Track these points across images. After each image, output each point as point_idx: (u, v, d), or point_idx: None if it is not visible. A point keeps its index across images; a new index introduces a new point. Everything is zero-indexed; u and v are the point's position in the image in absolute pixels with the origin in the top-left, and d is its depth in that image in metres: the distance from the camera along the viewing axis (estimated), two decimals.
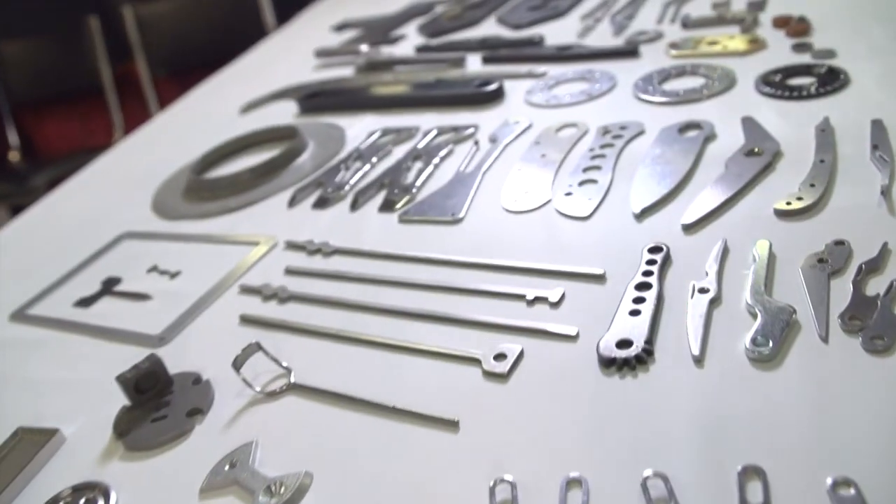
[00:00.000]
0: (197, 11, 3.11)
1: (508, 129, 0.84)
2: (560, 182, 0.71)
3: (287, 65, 1.43)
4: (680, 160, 0.68)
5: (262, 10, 3.03)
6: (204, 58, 2.28)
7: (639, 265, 0.56)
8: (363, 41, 1.36)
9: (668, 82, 0.86)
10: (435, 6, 1.49)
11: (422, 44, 1.23)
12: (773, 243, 0.55)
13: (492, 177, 0.76)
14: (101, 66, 3.14)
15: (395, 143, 0.91)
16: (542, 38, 1.09)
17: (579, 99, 0.87)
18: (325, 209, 0.81)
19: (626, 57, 0.96)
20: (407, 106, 1.00)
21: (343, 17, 1.65)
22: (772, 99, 0.76)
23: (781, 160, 0.66)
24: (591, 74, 0.92)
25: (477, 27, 1.29)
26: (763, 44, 0.89)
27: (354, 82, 1.15)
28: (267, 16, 3.00)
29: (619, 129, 0.76)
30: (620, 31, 1.06)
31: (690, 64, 0.87)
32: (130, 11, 3.09)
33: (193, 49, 3.03)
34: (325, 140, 0.99)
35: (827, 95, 0.74)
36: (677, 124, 0.74)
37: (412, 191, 0.77)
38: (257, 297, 0.69)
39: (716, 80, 0.82)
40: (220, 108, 1.28)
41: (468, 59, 1.11)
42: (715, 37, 0.94)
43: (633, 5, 1.15)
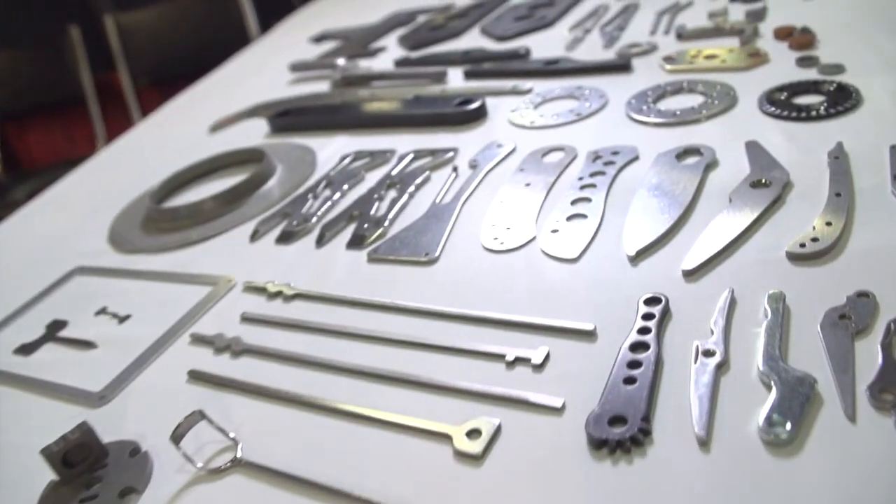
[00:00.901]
0: (179, 20, 3.05)
1: (490, 154, 0.77)
2: (546, 216, 0.64)
3: (262, 78, 1.36)
4: (678, 192, 0.61)
5: (245, 19, 2.97)
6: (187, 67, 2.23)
7: (634, 319, 0.49)
8: (341, 54, 1.29)
9: (663, 100, 0.79)
10: (417, 16, 1.42)
11: (401, 57, 1.16)
12: (787, 294, 0.48)
13: (471, 209, 0.69)
14: (82, 76, 3.07)
15: (369, 169, 0.84)
16: (528, 51, 1.02)
17: (568, 119, 0.80)
18: (290, 244, 0.74)
19: (618, 72, 0.89)
20: (382, 126, 0.93)
21: (323, 28, 1.58)
22: (777, 120, 0.69)
23: (792, 192, 0.59)
24: (581, 91, 0.86)
25: (460, 38, 1.22)
26: (765, 57, 0.82)
27: (329, 99, 1.08)
28: (250, 24, 2.93)
29: (611, 155, 0.70)
30: (611, 43, 0.99)
31: (687, 80, 0.81)
32: (112, 21, 3.03)
33: (176, 58, 2.98)
34: (294, 164, 0.92)
35: (838, 116, 0.67)
36: (675, 149, 0.68)
37: (384, 224, 0.70)
38: (209, 348, 0.62)
39: (715, 99, 0.75)
40: (190, 126, 1.21)
41: (450, 73, 1.04)
42: (712, 49, 0.87)
43: (624, 15, 1.08)
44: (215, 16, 3.03)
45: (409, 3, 1.57)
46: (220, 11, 3.02)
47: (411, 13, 1.44)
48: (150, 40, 3.05)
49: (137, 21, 3.07)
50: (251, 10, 2.95)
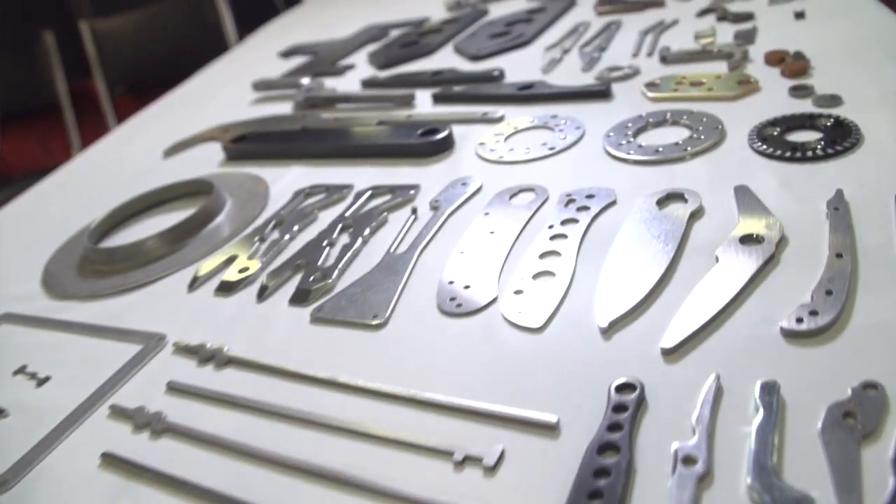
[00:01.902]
0: (156, 27, 2.98)
1: (454, 193, 0.70)
2: (510, 272, 0.57)
3: (226, 96, 1.29)
4: (659, 246, 0.54)
5: (223, 26, 2.90)
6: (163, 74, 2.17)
7: (604, 411, 0.42)
8: (307, 72, 1.22)
9: (644, 134, 0.72)
10: (390, 31, 1.34)
11: (369, 77, 1.09)
12: (782, 382, 0.41)
13: (429, 260, 0.62)
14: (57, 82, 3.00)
15: (323, 206, 0.76)
16: (501, 73, 0.95)
17: (540, 153, 0.73)
18: (230, 295, 0.66)
19: (597, 99, 0.82)
20: (342, 157, 0.85)
21: (294, 41, 1.51)
22: (770, 160, 0.62)
23: (786, 249, 0.52)
24: (555, 121, 0.78)
25: (432, 56, 1.14)
26: (755, 85, 0.75)
27: (289, 123, 1.01)
28: (228, 31, 2.86)
29: (586, 199, 0.62)
30: (591, 65, 0.92)
31: (671, 111, 0.74)
32: (87, 26, 2.95)
33: (153, 65, 2.91)
34: (245, 198, 0.84)
35: (837, 157, 0.60)
36: (656, 194, 0.60)
37: (332, 277, 0.63)
38: (129, 423, 0.54)
39: (701, 133, 0.68)
40: (146, 147, 1.14)
41: (418, 96, 0.97)
42: (699, 75, 0.80)
43: (605, 34, 1.01)
44: (192, 22, 2.96)
45: (384, 15, 1.51)
46: (197, 18, 2.96)
47: (385, 27, 1.37)
48: (126, 47, 2.98)
49: (113, 27, 3.01)
50: (229, 16, 2.89)
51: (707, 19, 0.98)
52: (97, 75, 2.97)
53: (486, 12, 1.29)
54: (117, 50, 2.98)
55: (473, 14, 1.28)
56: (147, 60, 2.94)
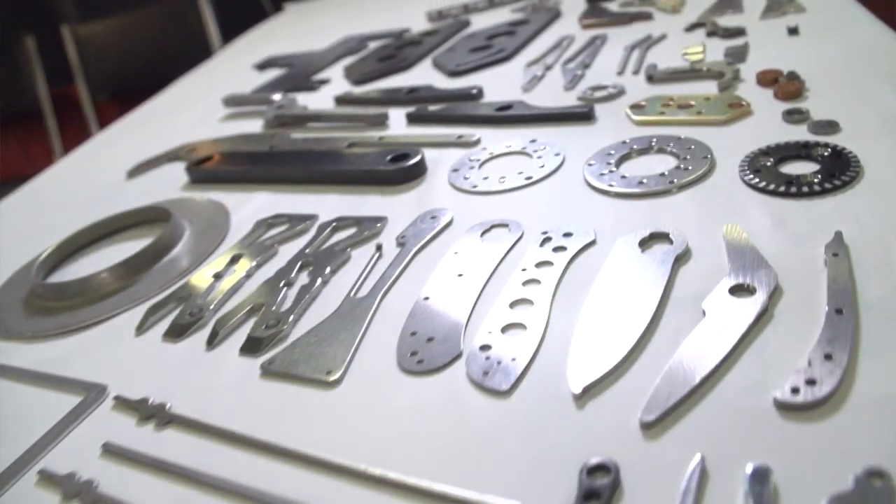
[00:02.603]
0: (139, 32, 2.94)
1: (422, 229, 0.65)
2: (478, 323, 0.51)
3: (196, 111, 1.23)
4: (640, 296, 0.49)
5: (207, 32, 2.85)
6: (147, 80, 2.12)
7: (573, 498, 0.37)
8: (281, 86, 1.17)
9: (628, 162, 0.67)
10: (368, 43, 1.29)
11: (343, 93, 1.03)
12: (775, 465, 0.36)
13: (391, 306, 0.57)
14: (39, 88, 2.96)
15: (284, 240, 0.71)
16: (479, 91, 0.90)
17: (516, 183, 0.68)
18: (179, 341, 0.61)
19: (578, 121, 0.77)
20: (308, 182, 0.80)
21: (271, 52, 1.46)
22: (762, 194, 0.57)
23: (781, 301, 0.47)
24: (534, 146, 0.73)
25: (410, 71, 1.09)
26: (747, 109, 0.70)
27: (257, 144, 0.95)
28: (212, 37, 2.82)
29: (563, 237, 0.57)
30: (573, 83, 0.87)
31: (656, 137, 0.69)
32: (69, 31, 2.91)
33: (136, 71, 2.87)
34: (205, 227, 0.79)
35: (835, 192, 0.55)
36: (639, 232, 0.55)
37: (287, 323, 0.57)
38: (58, 492, 0.49)
39: (689, 163, 0.63)
40: (110, 166, 1.08)
41: (393, 115, 0.92)
42: (687, 96, 0.75)
43: (589, 49, 0.96)
44: (176, 28, 2.92)
45: (364, 25, 1.46)
46: (180, 23, 2.92)
47: (363, 39, 1.32)
48: (108, 52, 2.94)
49: (96, 32, 2.97)
50: (213, 21, 2.84)
51: (696, 34, 0.94)
52: (79, 81, 2.94)
53: (467, 24, 1.25)
54: (100, 55, 2.95)
55: (455, 25, 1.23)
56: (130, 66, 2.91)
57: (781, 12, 0.92)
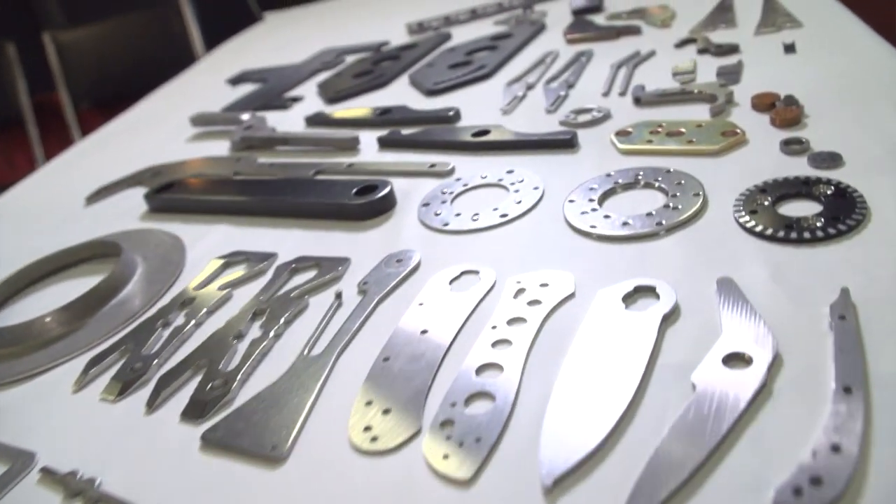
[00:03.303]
0: (122, 39, 2.89)
1: (387, 274, 0.59)
2: (441, 389, 0.46)
3: (164, 129, 1.18)
4: (623, 364, 0.43)
5: (190, 38, 2.79)
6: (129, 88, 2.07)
7: None
8: (252, 103, 1.11)
9: (612, 198, 0.61)
10: (345, 56, 1.24)
11: (314, 113, 0.98)
12: None
13: (347, 369, 0.51)
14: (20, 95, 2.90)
15: (240, 283, 0.65)
16: (456, 113, 0.84)
17: (490, 220, 0.62)
18: (119, 400, 0.55)
19: (560, 149, 0.71)
20: (271, 215, 0.74)
21: (247, 64, 1.40)
22: (759, 239, 0.52)
23: (781, 374, 0.41)
24: (511, 177, 0.68)
25: (386, 88, 1.04)
26: (742, 137, 0.65)
27: (222, 168, 0.90)
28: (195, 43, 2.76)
29: (539, 288, 0.52)
30: (556, 105, 0.81)
31: (643, 170, 0.63)
32: (50, 38, 2.85)
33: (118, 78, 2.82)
34: (160, 264, 0.73)
35: (840, 238, 0.50)
36: (623, 285, 0.50)
37: (235, 381, 0.52)
38: None
39: (679, 201, 0.57)
40: (70, 189, 1.03)
41: (365, 138, 0.86)
42: (677, 122, 0.70)
43: (575, 67, 0.91)
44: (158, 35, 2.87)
45: (343, 37, 1.40)
46: (163, 30, 2.87)
47: (340, 52, 1.26)
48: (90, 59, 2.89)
49: (78, 39, 2.92)
50: (196, 28, 2.79)
51: (687, 51, 0.88)
52: (61, 88, 2.89)
53: (448, 37, 1.19)
54: (82, 62, 2.90)
55: (435, 39, 1.17)
56: (112, 73, 2.86)
57: (777, 27, 0.87)
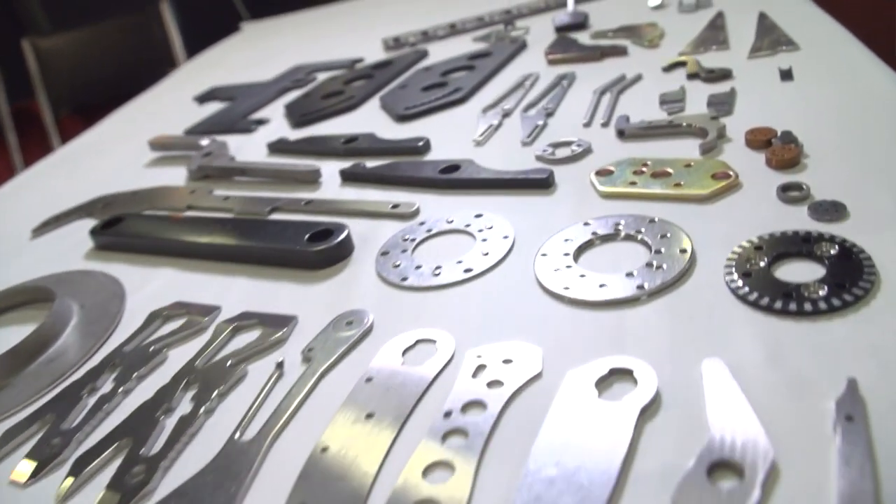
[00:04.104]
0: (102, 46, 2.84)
1: (335, 339, 0.52)
2: (382, 491, 0.39)
3: (124, 151, 1.11)
4: (592, 467, 0.37)
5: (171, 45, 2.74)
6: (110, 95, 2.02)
7: None
8: (215, 125, 1.04)
9: (590, 252, 0.55)
10: (317, 74, 1.17)
11: (277, 139, 0.91)
12: None
13: (282, 455, 0.44)
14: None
15: (179, 341, 0.59)
16: (426, 144, 0.78)
17: (454, 276, 0.56)
18: (30, 483, 0.49)
19: (535, 189, 0.65)
20: (220, 259, 0.68)
21: (219, 78, 1.33)
22: (753, 309, 0.45)
23: (778, 489, 0.35)
24: (480, 223, 0.61)
25: (356, 111, 0.97)
26: (734, 181, 0.58)
27: (175, 200, 0.83)
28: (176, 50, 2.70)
29: (502, 365, 0.45)
30: (533, 136, 0.75)
31: (625, 219, 0.56)
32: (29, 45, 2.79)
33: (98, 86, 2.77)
34: (96, 315, 0.67)
35: (846, 311, 0.43)
36: (596, 367, 0.43)
37: (157, 471, 0.45)
38: None
39: (663, 258, 0.51)
40: (18, 219, 0.96)
41: (327, 169, 0.80)
42: (663, 161, 0.63)
43: (556, 92, 0.84)
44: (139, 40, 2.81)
45: (319, 51, 1.34)
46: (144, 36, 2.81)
47: (312, 69, 1.20)
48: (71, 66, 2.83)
49: (58, 45, 2.87)
50: (178, 35, 2.73)
51: (676, 76, 0.82)
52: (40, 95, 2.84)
53: (425, 54, 1.12)
54: (61, 69, 2.84)
55: (410, 57, 1.11)
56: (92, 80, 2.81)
57: (773, 51, 0.81)
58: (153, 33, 2.77)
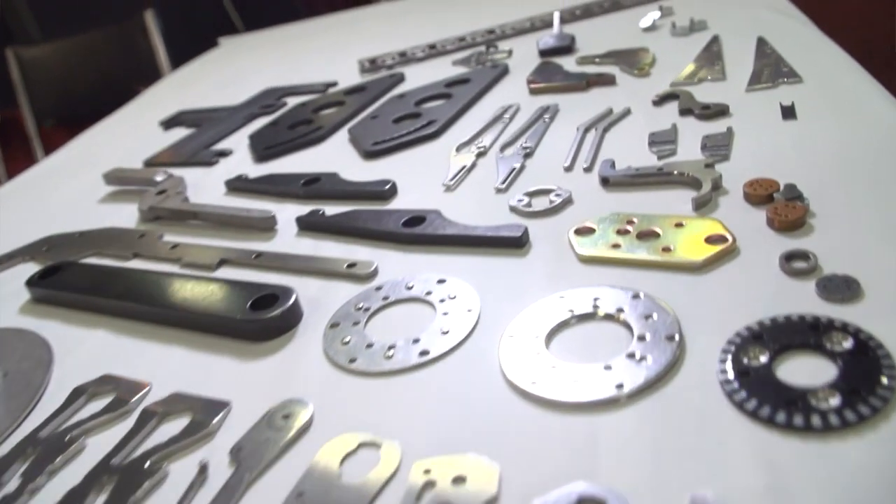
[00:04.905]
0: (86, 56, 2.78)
1: (267, 440, 0.45)
2: None
3: (81, 181, 1.03)
4: None
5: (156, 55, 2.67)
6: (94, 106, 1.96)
7: None
8: (176, 156, 0.97)
9: (564, 333, 0.48)
10: (287, 98, 1.10)
11: (235, 177, 0.84)
12: None
13: None
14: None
15: (99, 426, 0.52)
16: (392, 187, 0.71)
17: (408, 360, 0.49)
18: None
19: (507, 248, 0.58)
20: (158, 322, 0.61)
21: (187, 102, 1.26)
22: (751, 420, 0.38)
23: None
24: (442, 291, 0.54)
25: (323, 144, 0.90)
26: (731, 247, 0.51)
27: (121, 247, 0.76)
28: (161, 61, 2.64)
29: (452, 485, 0.38)
30: (509, 182, 0.68)
31: (604, 297, 0.49)
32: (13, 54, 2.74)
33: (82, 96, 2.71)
34: (19, 385, 0.60)
35: (861, 427, 0.36)
36: (562, 497, 0.36)
37: None
38: None
39: (647, 347, 0.44)
40: None
41: (285, 213, 0.73)
42: (651, 217, 0.56)
43: (535, 128, 0.77)
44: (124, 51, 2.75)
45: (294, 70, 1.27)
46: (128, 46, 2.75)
47: (284, 93, 1.13)
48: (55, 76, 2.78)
49: (42, 55, 2.81)
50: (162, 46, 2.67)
51: (667, 110, 0.75)
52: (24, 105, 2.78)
53: (401, 79, 1.05)
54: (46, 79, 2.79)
55: (386, 82, 1.04)
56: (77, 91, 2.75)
57: (773, 83, 0.73)
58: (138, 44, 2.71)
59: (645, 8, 1.09)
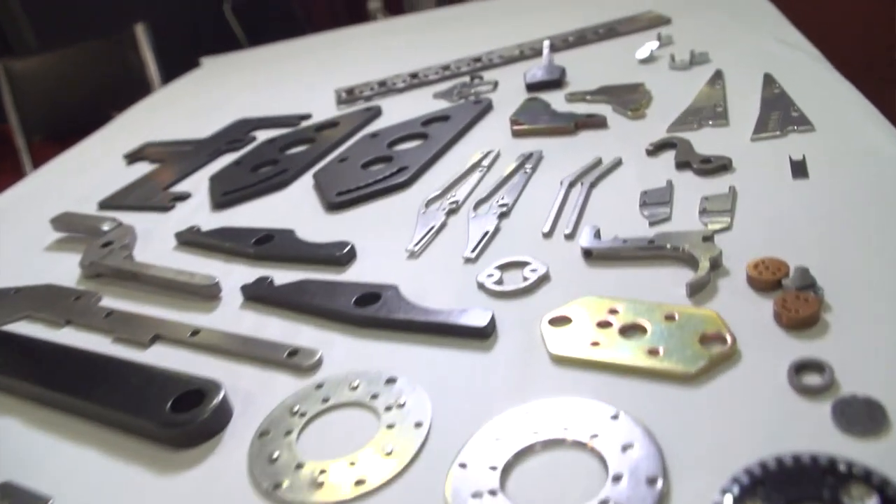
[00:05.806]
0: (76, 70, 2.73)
1: None
2: None
3: (30, 225, 0.95)
4: None
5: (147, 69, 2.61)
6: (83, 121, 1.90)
7: None
8: (131, 198, 0.90)
9: (524, 464, 0.40)
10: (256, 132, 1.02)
11: (185, 229, 0.76)
12: None
13: None
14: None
15: None
16: (349, 251, 0.63)
17: (339, 491, 0.41)
18: None
19: (471, 340, 0.50)
20: (71, 413, 0.53)
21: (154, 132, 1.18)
22: None
23: None
24: (388, 396, 0.46)
25: (286, 190, 0.82)
26: (730, 350, 0.43)
27: (55, 310, 0.68)
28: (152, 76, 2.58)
29: None
30: (479, 250, 0.60)
31: (575, 416, 0.41)
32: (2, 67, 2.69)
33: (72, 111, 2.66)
34: None
35: None
36: None
37: None
38: None
39: (622, 492, 0.36)
40: None
41: (232, 277, 0.65)
42: (638, 305, 0.48)
43: (514, 181, 0.69)
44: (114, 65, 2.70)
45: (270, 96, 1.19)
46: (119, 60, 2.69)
47: (254, 126, 1.05)
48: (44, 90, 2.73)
49: (31, 69, 2.76)
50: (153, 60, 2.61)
51: (662, 161, 0.67)
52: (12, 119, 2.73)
53: (378, 113, 0.97)
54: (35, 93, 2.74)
55: (361, 116, 0.96)
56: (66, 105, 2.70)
57: (782, 132, 0.65)
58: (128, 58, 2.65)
59: (642, 35, 1.01)
